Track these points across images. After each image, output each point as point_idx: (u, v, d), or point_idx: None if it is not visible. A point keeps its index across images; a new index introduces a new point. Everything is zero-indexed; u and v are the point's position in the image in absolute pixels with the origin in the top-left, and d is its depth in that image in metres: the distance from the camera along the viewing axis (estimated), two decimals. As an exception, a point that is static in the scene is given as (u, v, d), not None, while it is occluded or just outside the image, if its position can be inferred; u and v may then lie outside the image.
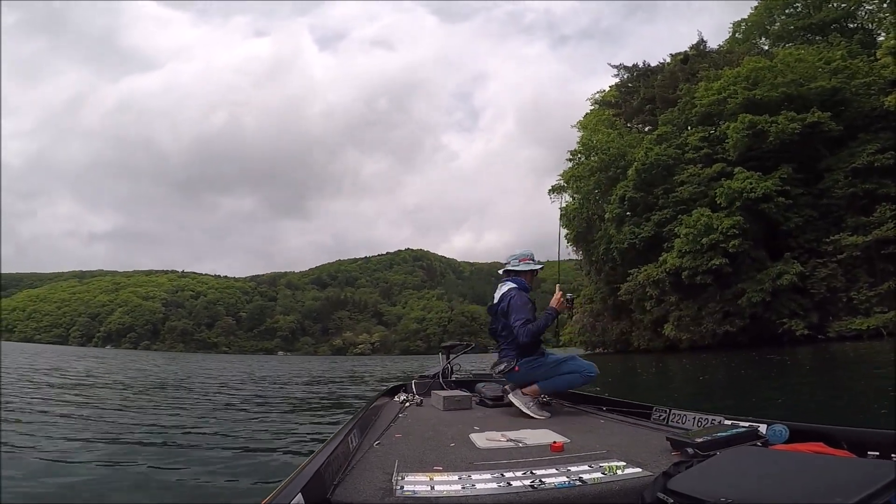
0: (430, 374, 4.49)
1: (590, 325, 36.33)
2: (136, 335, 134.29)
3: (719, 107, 27.33)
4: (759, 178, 23.27)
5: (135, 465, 3.76)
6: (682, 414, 2.47)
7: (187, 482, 3.30)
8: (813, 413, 4.98)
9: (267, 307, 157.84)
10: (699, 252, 23.91)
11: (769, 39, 35.40)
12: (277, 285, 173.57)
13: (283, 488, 1.19)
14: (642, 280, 27.51)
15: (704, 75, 30.05)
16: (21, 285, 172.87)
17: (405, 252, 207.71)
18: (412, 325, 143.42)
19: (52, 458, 3.88)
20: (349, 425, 2.14)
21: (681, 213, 26.01)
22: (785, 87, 24.62)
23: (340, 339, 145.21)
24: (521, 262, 3.48)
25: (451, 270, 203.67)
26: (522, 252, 3.53)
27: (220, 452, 4.24)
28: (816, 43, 29.46)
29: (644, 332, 29.97)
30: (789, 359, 13.94)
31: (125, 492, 3.12)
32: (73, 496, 3.01)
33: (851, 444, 1.58)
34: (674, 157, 27.93)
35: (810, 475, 1.16)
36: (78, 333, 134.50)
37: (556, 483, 1.46)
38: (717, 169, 25.53)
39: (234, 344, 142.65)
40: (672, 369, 14.81)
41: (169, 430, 5.50)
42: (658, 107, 33.96)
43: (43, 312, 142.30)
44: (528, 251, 3.54)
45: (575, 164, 36.65)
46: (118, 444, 4.65)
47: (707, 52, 36.48)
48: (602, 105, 40.29)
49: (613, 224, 30.75)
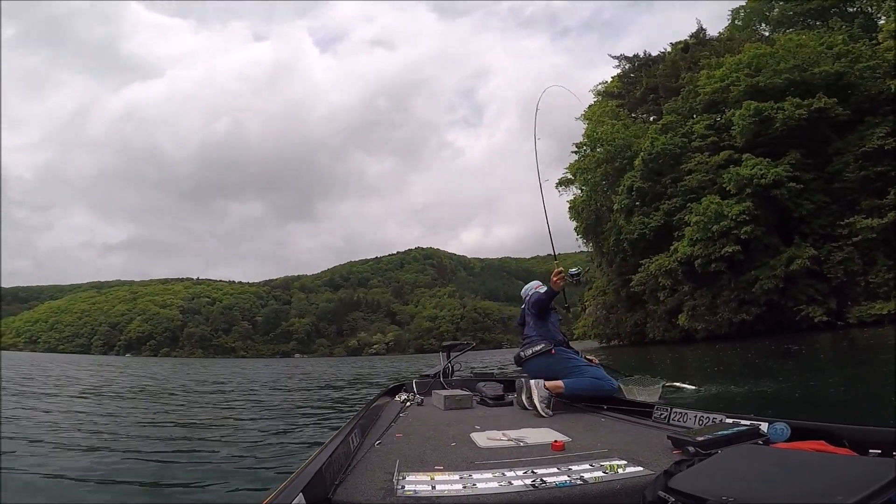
0: (430, 373, 4.47)
1: (603, 317, 36.10)
2: (155, 343, 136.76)
3: (723, 94, 27.01)
4: (768, 164, 22.92)
5: (134, 464, 3.77)
6: (683, 412, 2.47)
7: (187, 482, 3.32)
8: (825, 407, 4.87)
9: (282, 311, 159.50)
10: (711, 240, 23.64)
11: (769, 26, 34.89)
12: (291, 289, 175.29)
13: (285, 488, 1.19)
14: (654, 270, 27.25)
15: (705, 63, 29.72)
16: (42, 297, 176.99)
17: (415, 251, 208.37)
18: (425, 323, 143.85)
19: (48, 455, 3.89)
20: (350, 425, 2.15)
21: (690, 201, 25.70)
22: (788, 72, 24.27)
23: (355, 340, 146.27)
24: (536, 290, 3.72)
25: (462, 267, 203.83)
26: (534, 283, 3.89)
27: (220, 452, 4.23)
28: (817, 28, 28.92)
29: (658, 323, 29.66)
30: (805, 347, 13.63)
31: (125, 492, 3.13)
32: (71, 496, 3.01)
33: (853, 443, 1.57)
34: (680, 146, 27.63)
35: (811, 473, 1.15)
36: (100, 342, 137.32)
37: (557, 482, 1.45)
38: (725, 156, 25.17)
39: (251, 348, 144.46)
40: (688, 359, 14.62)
41: (169, 429, 5.50)
42: (661, 96, 33.70)
43: (65, 323, 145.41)
44: (536, 283, 3.89)
45: (581, 156, 36.41)
46: (120, 443, 4.66)
47: (707, 40, 36.17)
48: (605, 96, 39.96)
49: (622, 215, 30.52)
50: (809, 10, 31.08)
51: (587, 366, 3.26)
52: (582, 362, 3.28)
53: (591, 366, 3.29)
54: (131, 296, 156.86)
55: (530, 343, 3.36)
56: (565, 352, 3.30)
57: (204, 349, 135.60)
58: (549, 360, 3.20)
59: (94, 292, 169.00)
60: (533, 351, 3.27)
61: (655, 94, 35.13)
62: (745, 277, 23.61)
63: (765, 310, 23.25)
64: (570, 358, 3.27)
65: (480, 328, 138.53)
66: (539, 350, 3.25)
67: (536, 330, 3.44)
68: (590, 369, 3.23)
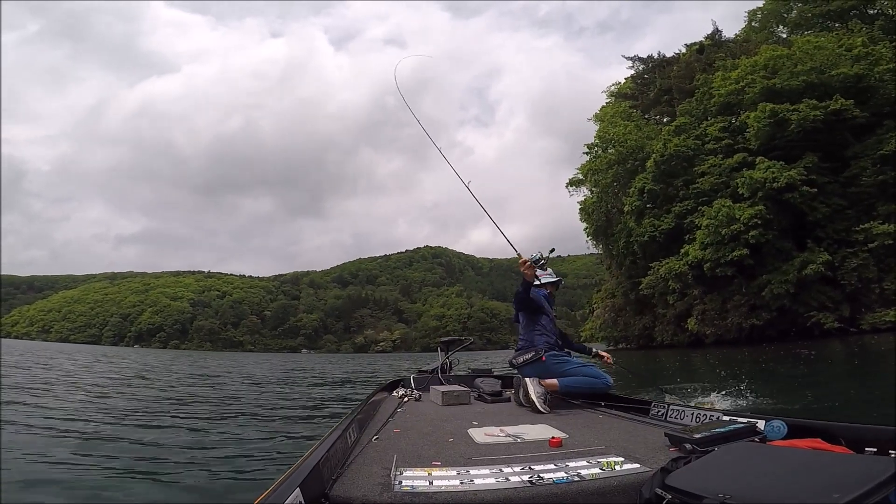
0: (428, 369, 4.47)
1: (611, 319, 35.90)
2: (165, 335, 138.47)
3: (738, 96, 26.67)
4: (781, 168, 22.59)
5: (128, 459, 3.72)
6: (680, 410, 2.46)
7: (185, 478, 3.31)
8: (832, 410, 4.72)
9: (290, 306, 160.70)
10: (721, 243, 23.36)
11: (787, 27, 34.32)
12: (300, 284, 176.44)
13: (281, 483, 1.19)
14: (664, 273, 27.03)
15: (721, 65, 29.37)
16: (57, 287, 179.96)
17: (424, 249, 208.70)
18: (432, 322, 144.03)
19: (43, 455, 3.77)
20: (347, 420, 2.14)
21: (702, 204, 25.46)
22: (805, 75, 23.89)
23: (362, 337, 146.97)
24: (543, 277, 3.67)
25: (471, 267, 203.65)
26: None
27: (220, 450, 4.20)
28: (836, 30, 28.38)
29: (667, 326, 29.43)
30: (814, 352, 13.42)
31: (124, 490, 3.07)
32: (69, 496, 2.95)
33: (849, 441, 1.56)
34: (693, 148, 27.34)
35: (808, 471, 1.15)
36: (111, 333, 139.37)
37: (554, 478, 1.45)
38: (739, 159, 24.89)
39: (260, 342, 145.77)
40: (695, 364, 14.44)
41: (170, 430, 5.44)
42: (675, 98, 33.41)
43: (77, 313, 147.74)
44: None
45: (592, 157, 36.18)
46: (112, 436, 4.62)
47: (723, 41, 35.76)
48: (618, 97, 39.66)
49: (633, 217, 30.32)
50: (829, 11, 30.51)
51: (581, 366, 3.26)
52: (575, 363, 3.29)
53: (585, 365, 3.29)
54: (143, 287, 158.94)
55: (521, 350, 3.37)
56: (556, 356, 3.29)
57: (212, 342, 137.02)
58: (540, 367, 3.20)
59: (108, 283, 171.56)
60: (524, 359, 3.28)
61: (669, 95, 34.84)
62: (756, 282, 23.32)
63: (776, 315, 22.94)
64: (561, 362, 3.27)
65: (487, 328, 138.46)
66: (529, 359, 3.26)
67: (525, 333, 3.44)
68: (583, 369, 3.24)
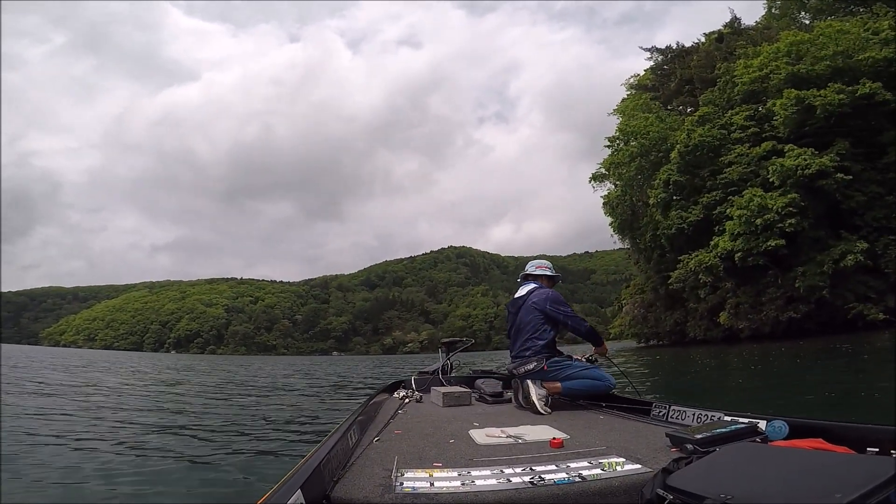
0: (429, 370, 4.45)
1: (641, 315, 35.10)
2: (202, 340, 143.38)
3: (762, 84, 25.70)
4: (812, 155, 21.66)
5: (134, 463, 3.81)
6: (681, 410, 2.46)
7: (185, 479, 3.35)
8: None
9: (320, 309, 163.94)
10: (753, 234, 22.55)
11: (808, 13, 32.84)
12: (329, 288, 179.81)
13: (283, 485, 1.20)
14: (694, 266, 26.24)
15: (742, 53, 28.36)
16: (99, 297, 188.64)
17: (448, 250, 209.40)
18: (458, 322, 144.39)
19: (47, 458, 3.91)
20: (349, 422, 2.15)
21: (731, 194, 24.61)
22: (831, 59, 22.90)
23: (390, 339, 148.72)
24: (538, 269, 3.75)
25: (496, 266, 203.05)
26: (540, 262, 3.87)
27: (220, 449, 4.28)
28: (860, 14, 26.96)
29: (700, 321, 28.53)
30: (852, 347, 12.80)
31: (121, 489, 3.12)
32: (68, 495, 3.01)
33: (851, 441, 1.55)
34: (719, 138, 26.50)
35: (809, 471, 1.14)
36: (151, 340, 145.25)
37: (555, 479, 1.45)
38: (767, 147, 23.93)
39: (292, 346, 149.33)
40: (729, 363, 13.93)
41: (171, 429, 5.55)
42: (697, 87, 32.44)
43: (119, 321, 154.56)
44: (544, 262, 3.88)
45: (614, 150, 35.47)
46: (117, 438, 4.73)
47: (742, 29, 34.58)
48: (638, 89, 38.81)
49: (659, 210, 29.58)
50: (852, -5, 29.16)
51: (584, 369, 3.24)
52: (578, 367, 3.25)
53: (589, 368, 3.26)
54: (180, 295, 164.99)
55: (522, 361, 3.30)
56: (557, 363, 3.25)
57: (247, 346, 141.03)
58: (543, 375, 3.16)
59: (147, 291, 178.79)
60: (526, 370, 3.22)
61: (691, 85, 33.89)
62: (791, 273, 22.41)
63: (814, 307, 21.98)
64: (564, 367, 3.24)
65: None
66: (531, 369, 3.21)
67: (531, 338, 3.37)
68: (586, 371, 3.22)
